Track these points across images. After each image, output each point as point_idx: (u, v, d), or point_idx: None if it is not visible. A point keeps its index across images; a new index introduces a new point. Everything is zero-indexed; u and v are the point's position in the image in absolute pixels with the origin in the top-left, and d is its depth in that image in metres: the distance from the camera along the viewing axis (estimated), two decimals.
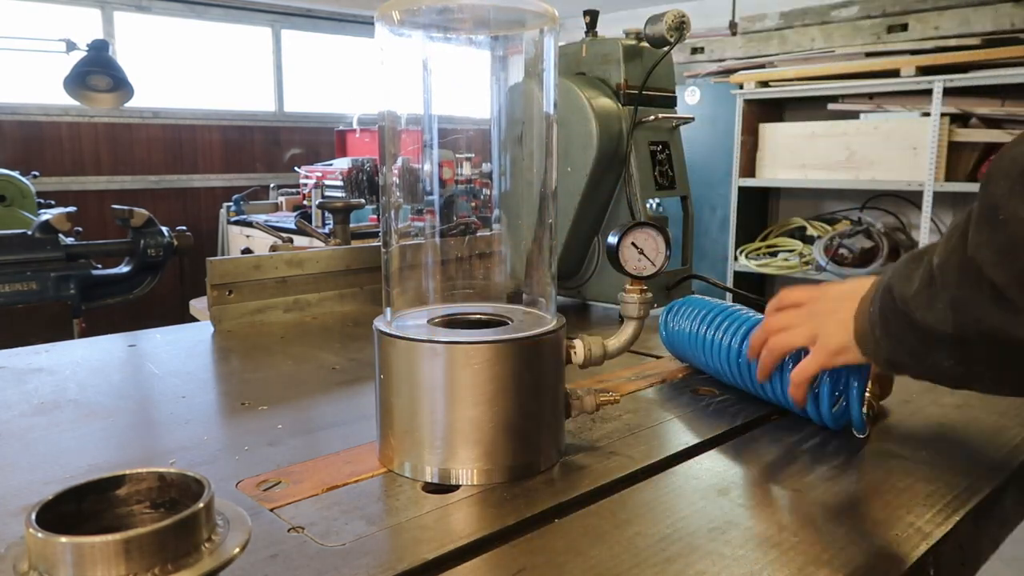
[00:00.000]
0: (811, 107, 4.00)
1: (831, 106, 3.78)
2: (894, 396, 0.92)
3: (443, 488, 0.70)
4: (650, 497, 0.70)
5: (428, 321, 0.79)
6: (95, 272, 2.60)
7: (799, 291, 0.83)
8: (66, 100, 3.66)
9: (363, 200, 3.89)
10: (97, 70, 3.50)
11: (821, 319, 0.77)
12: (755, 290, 4.14)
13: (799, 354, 0.82)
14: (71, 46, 3.63)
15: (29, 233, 2.49)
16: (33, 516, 0.45)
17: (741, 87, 4.00)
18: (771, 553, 0.60)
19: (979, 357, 0.60)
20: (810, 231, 4.09)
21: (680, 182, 1.52)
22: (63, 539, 0.44)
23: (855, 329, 0.72)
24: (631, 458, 0.77)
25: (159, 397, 1.01)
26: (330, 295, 1.47)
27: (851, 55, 3.74)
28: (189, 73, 5.39)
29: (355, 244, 1.60)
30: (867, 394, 0.80)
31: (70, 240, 2.63)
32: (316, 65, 6.00)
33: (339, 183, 4.55)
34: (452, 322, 0.80)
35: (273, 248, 1.55)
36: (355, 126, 5.31)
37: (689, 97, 4.31)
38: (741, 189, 4.09)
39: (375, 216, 4.28)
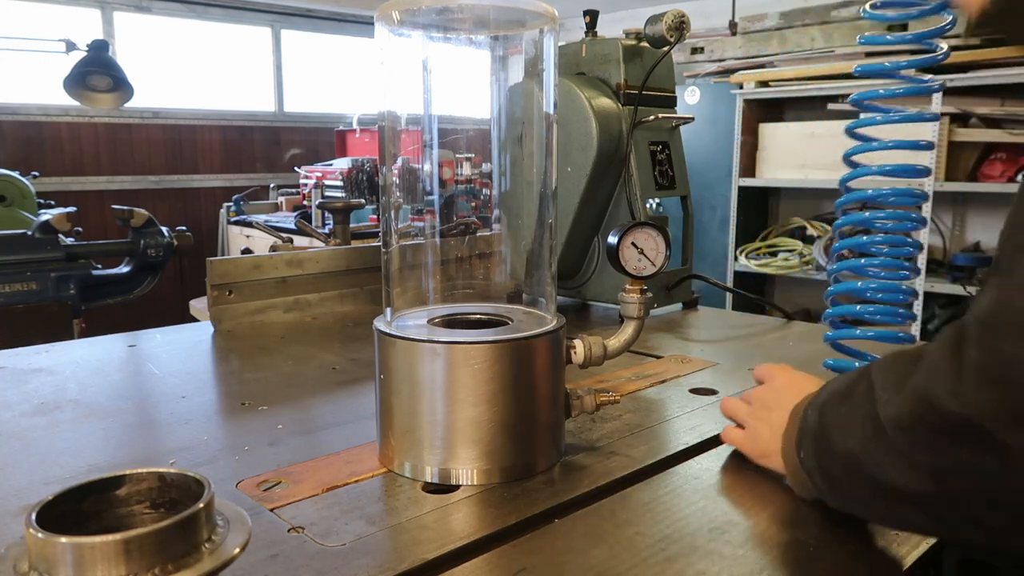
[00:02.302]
0: (811, 107, 3.99)
1: (831, 106, 3.77)
2: None
3: (443, 488, 0.70)
4: (650, 497, 0.70)
5: (428, 321, 0.79)
6: (95, 272, 2.60)
7: (761, 391, 0.78)
8: (66, 100, 3.65)
9: (363, 200, 3.89)
10: (97, 70, 3.50)
11: (763, 432, 0.74)
12: (755, 290, 4.14)
13: None
14: (71, 46, 3.63)
15: (29, 233, 2.49)
16: (33, 516, 0.45)
17: (741, 87, 4.00)
18: (771, 553, 0.61)
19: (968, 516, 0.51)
20: (810, 231, 4.09)
21: (680, 182, 1.52)
22: (63, 539, 0.44)
23: (789, 473, 0.68)
24: (631, 458, 0.77)
25: (159, 397, 1.01)
26: (330, 295, 1.47)
27: (851, 55, 3.73)
28: (189, 73, 5.38)
29: (355, 244, 1.60)
30: None
31: (70, 240, 2.62)
32: (316, 65, 6.00)
33: (339, 183, 4.55)
34: (452, 322, 0.80)
35: (273, 248, 1.55)
36: (355, 126, 5.31)
37: (689, 97, 4.31)
38: (741, 189, 4.09)
39: (375, 216, 4.28)
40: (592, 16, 1.51)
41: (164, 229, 2.70)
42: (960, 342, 0.46)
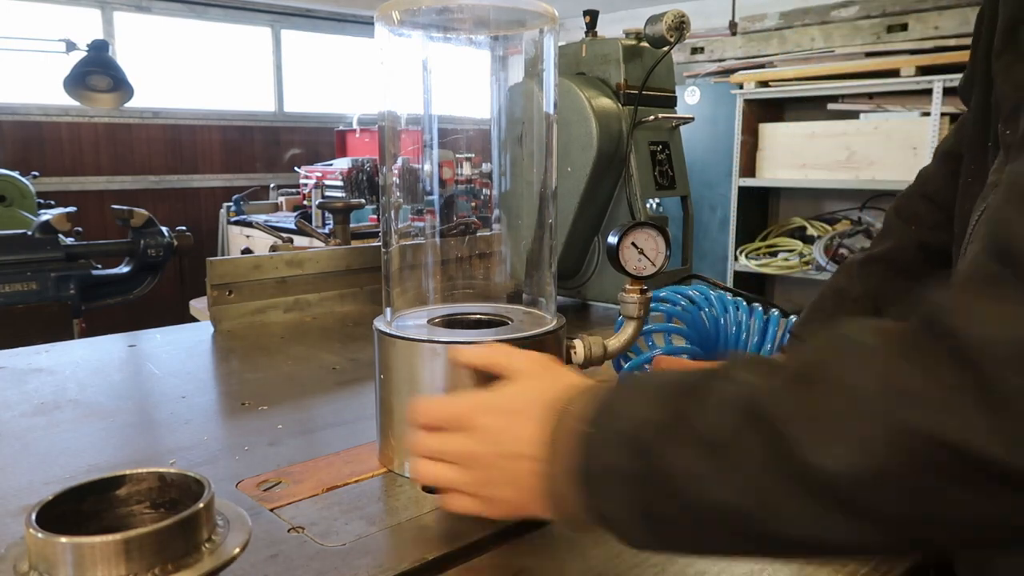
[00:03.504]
0: (811, 107, 3.99)
1: (831, 106, 3.77)
2: None
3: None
4: None
5: (428, 321, 0.79)
6: (95, 272, 2.60)
7: (448, 406, 0.60)
8: (66, 100, 3.65)
9: (363, 200, 3.89)
10: (97, 70, 3.50)
11: (487, 478, 0.56)
12: (755, 290, 4.14)
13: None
14: (71, 46, 3.63)
15: (29, 233, 2.49)
16: (33, 516, 0.45)
17: (741, 87, 3.99)
18: None
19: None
20: (810, 231, 4.09)
21: (680, 182, 1.52)
22: (63, 539, 0.44)
23: (556, 516, 0.53)
24: None
25: (159, 397, 1.01)
26: (330, 295, 1.47)
27: (851, 55, 3.73)
28: (189, 73, 5.38)
29: (355, 244, 1.60)
30: None
31: (70, 240, 2.62)
32: (316, 65, 6.00)
33: (339, 183, 4.55)
34: (452, 322, 0.80)
35: (273, 248, 1.55)
36: (355, 126, 5.31)
37: (689, 97, 4.31)
38: (741, 189, 4.09)
39: (375, 216, 4.28)
40: (592, 16, 1.51)
41: (164, 229, 2.70)
42: (945, 363, 0.37)
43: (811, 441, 0.39)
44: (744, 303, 0.98)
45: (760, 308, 0.98)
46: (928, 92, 3.39)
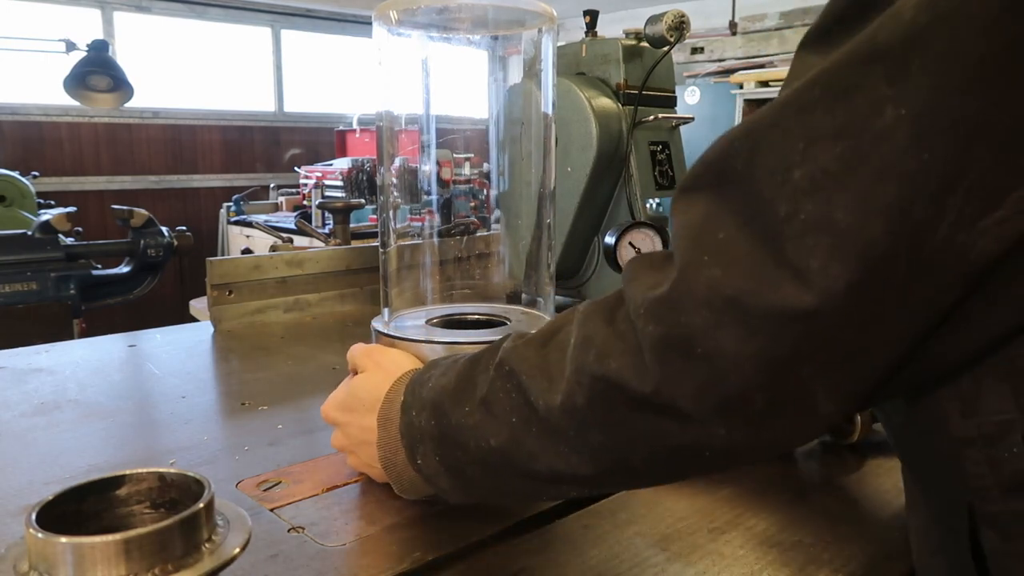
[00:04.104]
0: None
1: None
2: None
3: None
4: (650, 497, 0.70)
5: (426, 321, 0.79)
6: (95, 272, 2.60)
7: (324, 406, 0.72)
8: (66, 100, 3.66)
9: (363, 200, 3.89)
10: (97, 70, 3.50)
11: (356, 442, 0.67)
12: None
13: None
14: (71, 46, 3.63)
15: (29, 233, 2.49)
16: (33, 516, 0.45)
17: (741, 87, 4.00)
18: (771, 553, 0.61)
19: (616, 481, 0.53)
20: None
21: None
22: (63, 539, 0.44)
23: (393, 479, 0.64)
24: None
25: (159, 397, 1.01)
26: (330, 295, 1.47)
27: None
28: (189, 73, 5.38)
29: (355, 244, 1.60)
30: None
31: (70, 240, 2.63)
32: (316, 65, 6.00)
33: (339, 183, 4.55)
34: (450, 322, 0.80)
35: (273, 248, 1.56)
36: (355, 126, 5.31)
37: (689, 97, 4.31)
38: None
39: (375, 216, 4.28)
40: (592, 16, 1.51)
41: (164, 229, 2.70)
42: (619, 319, 0.45)
43: (537, 387, 0.49)
44: None
45: None
46: None
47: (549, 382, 0.48)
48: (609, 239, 0.79)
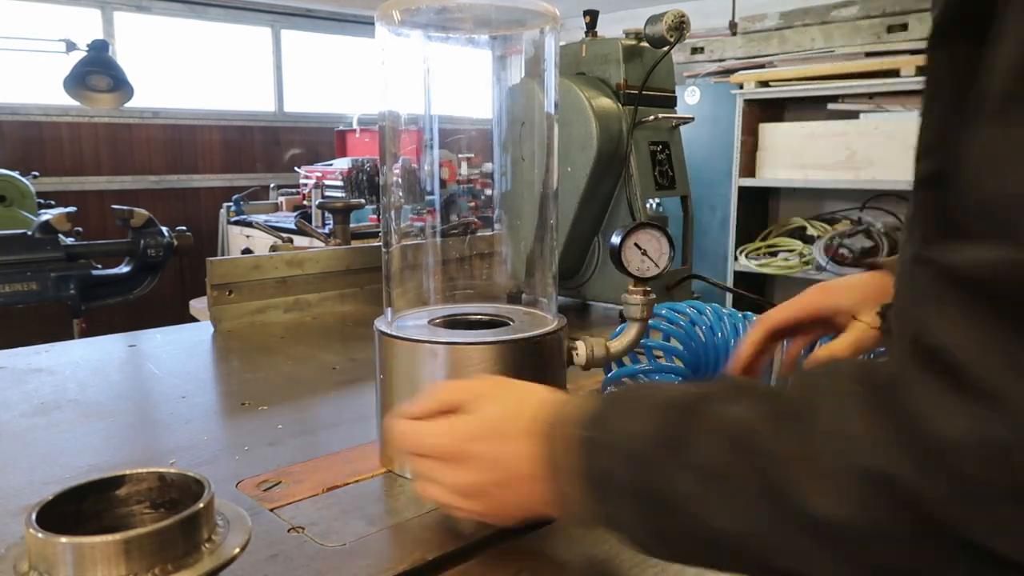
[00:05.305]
0: (811, 107, 3.99)
1: (831, 106, 3.77)
2: None
3: None
4: None
5: (429, 322, 0.79)
6: (95, 272, 2.60)
7: (435, 438, 0.58)
8: (66, 100, 3.65)
9: (363, 200, 3.89)
10: (97, 70, 3.50)
11: (492, 495, 0.56)
12: (755, 290, 4.14)
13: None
14: (71, 46, 3.63)
15: (29, 233, 2.49)
16: (33, 516, 0.45)
17: (741, 87, 3.99)
18: None
19: None
20: (810, 231, 4.09)
21: (680, 182, 1.52)
22: (63, 539, 0.44)
23: (562, 517, 0.56)
24: None
25: (159, 397, 1.01)
26: (330, 295, 1.47)
27: (851, 55, 3.73)
28: (189, 73, 5.38)
29: (355, 244, 1.60)
30: None
31: (70, 240, 2.62)
32: (316, 65, 6.00)
33: (339, 183, 4.55)
34: (453, 323, 0.80)
35: (273, 248, 1.55)
36: (355, 126, 5.30)
37: (689, 97, 4.31)
38: (741, 189, 4.09)
39: (375, 216, 4.28)
40: (592, 16, 1.51)
41: (164, 229, 2.70)
42: (916, 440, 0.37)
43: (801, 483, 0.39)
44: (737, 313, 0.96)
45: (754, 318, 0.96)
46: None
47: (820, 483, 0.39)
48: (614, 240, 0.79)
